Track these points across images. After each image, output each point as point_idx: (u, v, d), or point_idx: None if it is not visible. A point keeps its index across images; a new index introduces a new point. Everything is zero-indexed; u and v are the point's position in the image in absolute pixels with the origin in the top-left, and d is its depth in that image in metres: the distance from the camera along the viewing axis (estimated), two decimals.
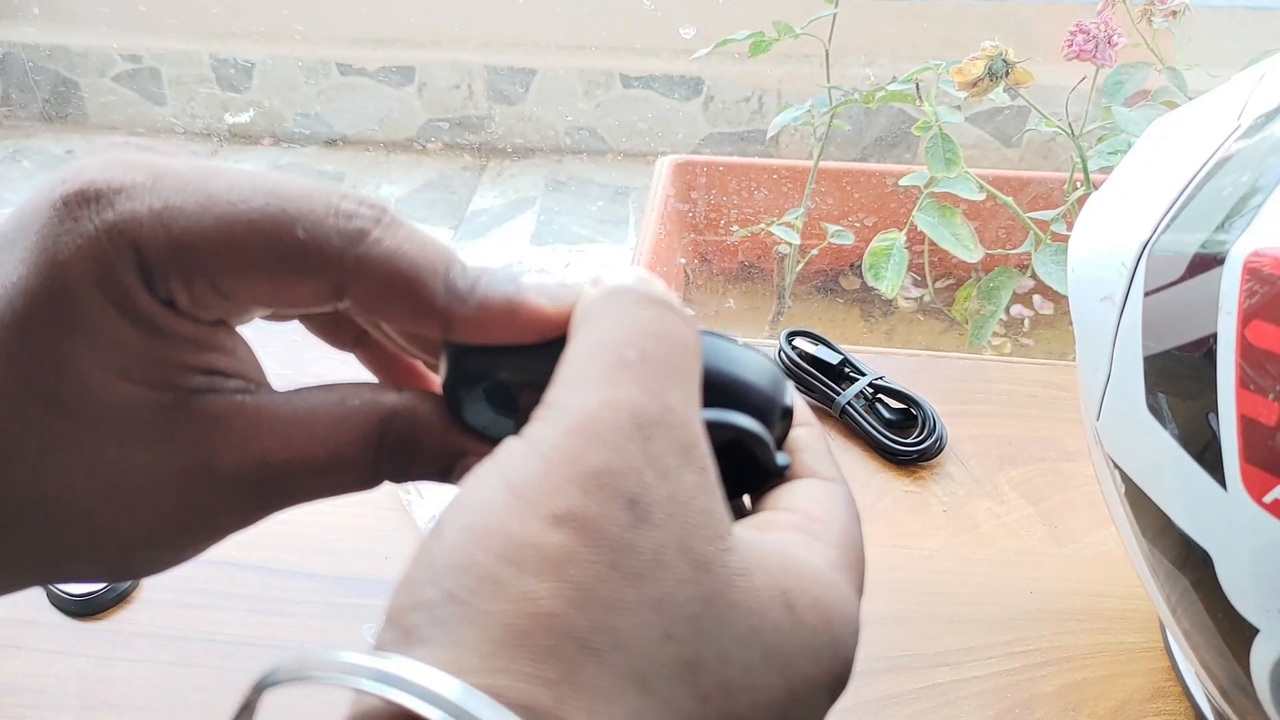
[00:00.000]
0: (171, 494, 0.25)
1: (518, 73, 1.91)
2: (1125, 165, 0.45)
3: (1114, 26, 0.97)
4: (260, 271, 0.24)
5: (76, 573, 0.26)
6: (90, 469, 0.24)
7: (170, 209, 0.23)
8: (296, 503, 0.27)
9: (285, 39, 1.92)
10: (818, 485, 0.27)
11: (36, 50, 1.98)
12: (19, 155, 1.96)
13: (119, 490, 0.24)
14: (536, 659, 0.19)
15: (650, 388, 0.22)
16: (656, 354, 0.23)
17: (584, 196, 1.88)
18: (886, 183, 1.32)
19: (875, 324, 1.40)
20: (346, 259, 0.24)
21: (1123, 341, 0.39)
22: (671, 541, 0.21)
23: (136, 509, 0.25)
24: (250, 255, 0.24)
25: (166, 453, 0.24)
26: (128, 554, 0.26)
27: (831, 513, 0.26)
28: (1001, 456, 0.65)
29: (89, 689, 0.52)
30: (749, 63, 1.18)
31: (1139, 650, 0.54)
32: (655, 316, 0.24)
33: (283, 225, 0.24)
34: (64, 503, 0.24)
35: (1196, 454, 0.36)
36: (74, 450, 0.23)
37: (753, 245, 1.38)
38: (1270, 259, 0.32)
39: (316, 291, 0.24)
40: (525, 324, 0.25)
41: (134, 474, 0.24)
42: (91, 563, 0.26)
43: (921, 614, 0.56)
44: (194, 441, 0.25)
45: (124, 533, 0.25)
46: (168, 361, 0.24)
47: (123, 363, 0.24)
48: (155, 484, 0.25)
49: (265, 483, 0.26)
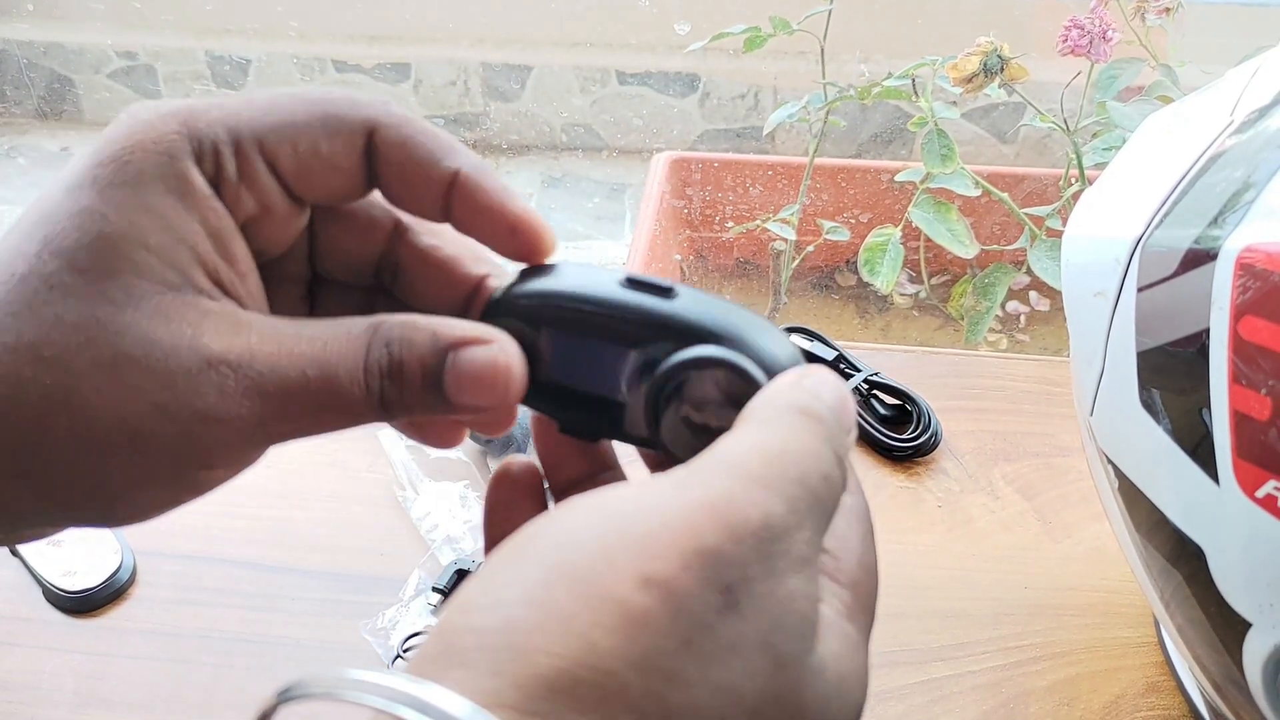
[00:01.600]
0: (163, 381, 0.25)
1: (513, 69, 1.90)
2: (1119, 161, 0.45)
3: (1108, 22, 0.97)
4: (295, 131, 0.27)
5: (81, 518, 0.26)
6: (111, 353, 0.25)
7: (222, 104, 0.27)
8: (290, 430, 0.26)
9: (281, 36, 1.92)
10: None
11: (31, 47, 1.97)
12: (14, 152, 1.96)
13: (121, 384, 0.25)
14: (580, 710, 0.19)
15: (798, 507, 0.23)
16: (817, 488, 0.23)
17: (580, 193, 1.88)
18: (882, 179, 1.32)
19: (871, 320, 1.40)
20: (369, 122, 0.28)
21: (1116, 337, 0.39)
22: (754, 634, 0.21)
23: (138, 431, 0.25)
24: (287, 119, 0.27)
25: (158, 326, 0.25)
26: (130, 492, 0.26)
27: (846, 542, 0.26)
28: (996, 452, 0.65)
29: (84, 686, 0.52)
30: (745, 59, 1.18)
31: (1133, 645, 0.54)
32: (829, 461, 0.24)
33: (314, 102, 0.28)
34: (80, 439, 0.25)
35: (1189, 449, 0.36)
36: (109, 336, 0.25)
37: (748, 242, 1.38)
38: (1263, 254, 0.33)
39: (348, 146, 0.28)
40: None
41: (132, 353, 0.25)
42: (94, 507, 0.26)
43: (916, 609, 0.56)
44: (186, 320, 0.25)
45: (127, 470, 0.25)
46: (195, 245, 0.26)
47: (160, 239, 0.25)
48: (150, 367, 0.25)
49: (256, 389, 0.25)
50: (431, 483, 0.61)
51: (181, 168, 0.26)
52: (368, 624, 0.55)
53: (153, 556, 0.58)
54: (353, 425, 0.27)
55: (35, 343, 0.24)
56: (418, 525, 0.59)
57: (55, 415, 0.24)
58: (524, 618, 0.20)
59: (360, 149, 0.28)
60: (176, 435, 0.25)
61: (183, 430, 0.25)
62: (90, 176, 0.25)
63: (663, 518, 0.21)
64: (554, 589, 0.20)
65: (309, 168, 0.28)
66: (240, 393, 0.25)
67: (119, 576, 0.56)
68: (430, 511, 0.60)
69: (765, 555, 0.22)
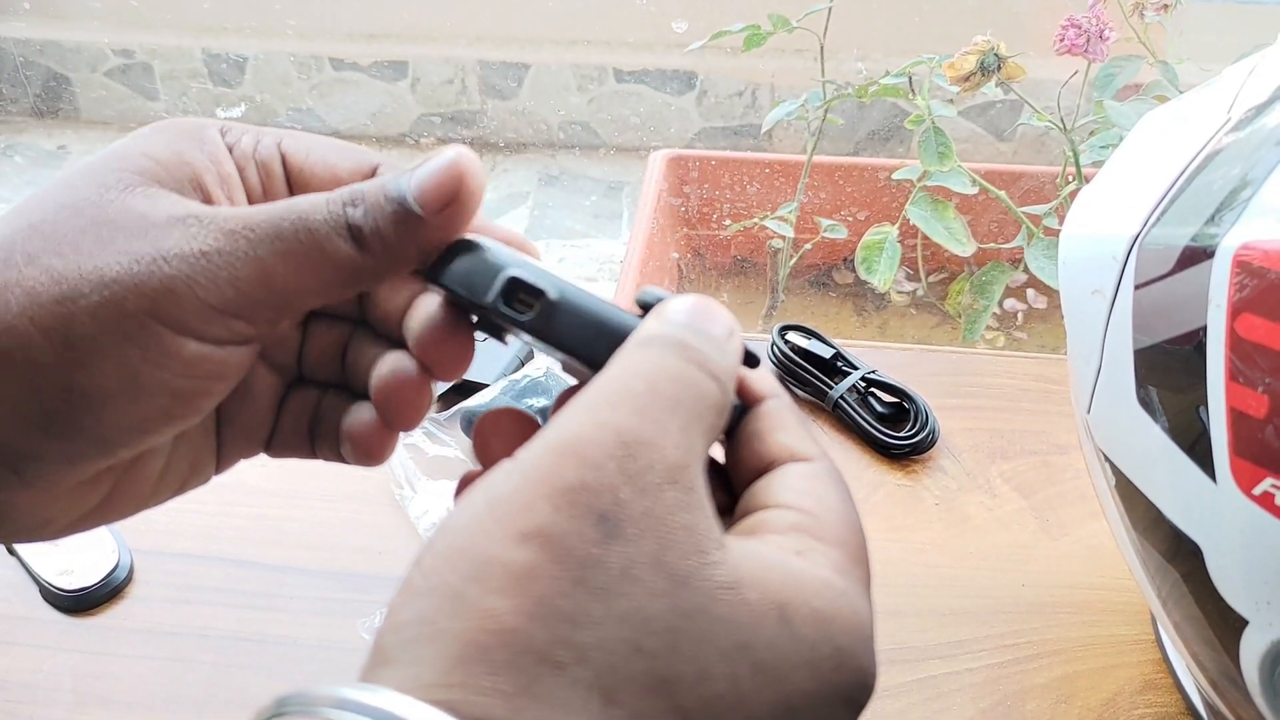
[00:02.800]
0: (135, 232, 0.26)
1: (511, 67, 1.90)
2: (1116, 159, 0.45)
3: (1105, 21, 0.97)
4: (314, 142, 0.31)
5: (62, 428, 0.26)
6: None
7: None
8: (261, 291, 0.26)
9: (278, 34, 1.91)
10: (803, 471, 0.26)
11: (28, 45, 1.97)
12: (10, 151, 1.96)
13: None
14: (493, 672, 0.20)
15: (649, 414, 0.23)
16: (666, 390, 0.23)
17: (577, 191, 1.88)
18: (879, 177, 1.32)
19: (868, 318, 1.40)
20: None
21: (1113, 335, 0.39)
22: (644, 557, 0.21)
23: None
24: (311, 138, 0.31)
25: (141, 201, 0.27)
26: (107, 367, 0.26)
27: (824, 502, 0.25)
28: (994, 450, 0.65)
29: (82, 685, 0.52)
30: (742, 57, 1.18)
31: (1130, 642, 0.54)
32: (674, 364, 0.24)
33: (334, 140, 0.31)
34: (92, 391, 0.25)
35: (1186, 446, 0.36)
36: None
37: (746, 239, 1.38)
38: (1260, 252, 0.33)
39: (355, 167, 0.30)
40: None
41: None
42: (74, 398, 0.26)
43: (913, 607, 0.56)
44: (169, 200, 0.27)
45: (96, 322, 0.26)
46: (200, 173, 0.28)
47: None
48: (125, 225, 0.26)
49: (221, 229, 0.26)
50: (429, 481, 0.61)
51: (205, 129, 0.29)
52: (366, 623, 0.55)
53: (150, 555, 0.58)
54: (328, 285, 0.27)
55: (34, 221, 0.26)
56: (416, 523, 0.59)
57: (35, 276, 0.25)
58: (428, 605, 0.21)
59: (363, 175, 0.30)
60: (144, 276, 0.25)
61: (149, 271, 0.25)
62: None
63: (523, 473, 0.22)
64: (446, 573, 0.21)
65: (316, 173, 0.30)
66: (204, 234, 0.26)
67: (116, 575, 0.56)
68: (428, 510, 0.60)
69: (631, 473, 0.22)
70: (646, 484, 0.22)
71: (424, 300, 0.30)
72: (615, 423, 0.22)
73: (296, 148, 0.31)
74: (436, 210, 0.27)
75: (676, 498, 0.22)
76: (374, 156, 0.31)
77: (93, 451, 0.27)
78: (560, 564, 0.21)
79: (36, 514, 0.28)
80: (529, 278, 0.27)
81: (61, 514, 0.28)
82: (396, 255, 0.27)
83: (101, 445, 0.27)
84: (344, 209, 0.26)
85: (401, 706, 0.19)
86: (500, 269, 0.27)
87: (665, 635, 0.21)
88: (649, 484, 0.22)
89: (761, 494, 0.26)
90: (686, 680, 0.20)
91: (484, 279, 0.27)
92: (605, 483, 0.21)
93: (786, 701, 0.22)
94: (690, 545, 0.22)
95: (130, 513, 0.30)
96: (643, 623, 0.20)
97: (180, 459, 0.31)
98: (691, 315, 0.25)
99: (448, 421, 0.65)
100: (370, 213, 0.26)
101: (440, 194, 0.27)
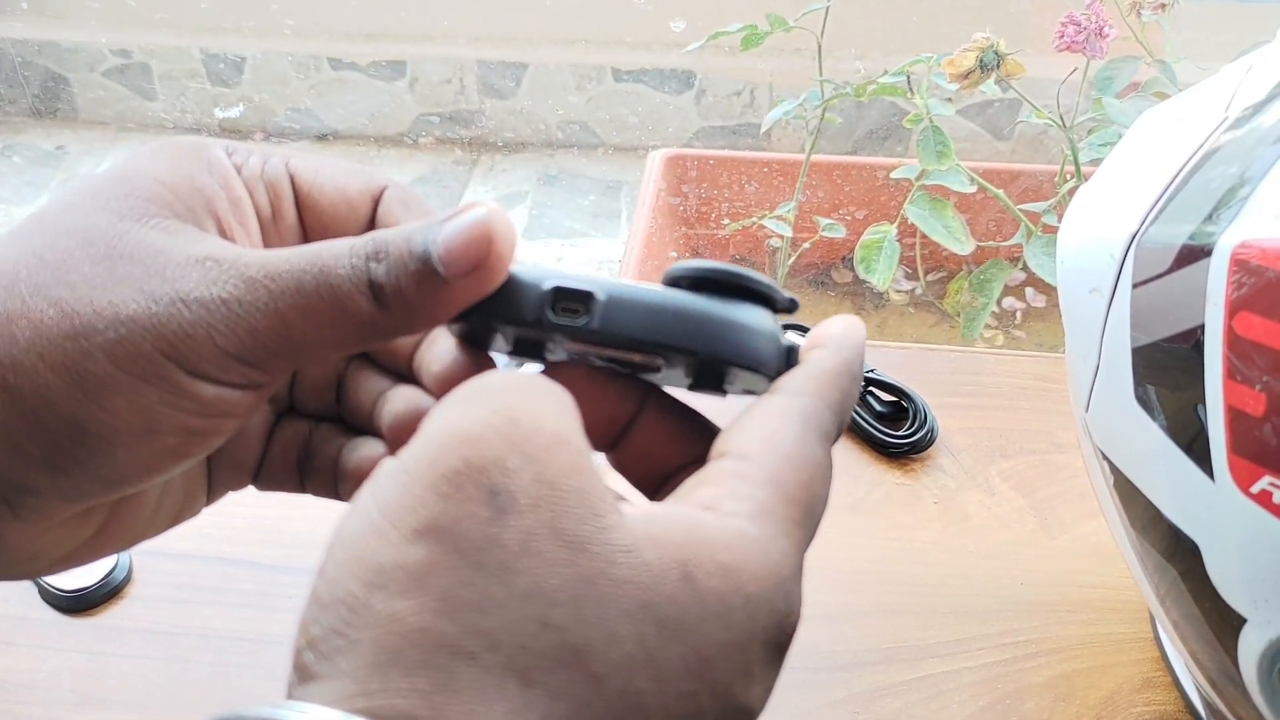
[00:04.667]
0: (152, 270, 0.25)
1: (509, 67, 1.90)
2: (1114, 157, 0.45)
3: (1104, 18, 0.97)
4: (322, 163, 0.31)
5: (75, 462, 0.26)
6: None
7: None
8: (277, 340, 0.25)
9: (276, 33, 1.91)
10: (774, 406, 0.26)
11: (26, 45, 1.97)
12: (9, 151, 1.95)
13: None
14: (409, 674, 0.20)
15: (515, 384, 0.23)
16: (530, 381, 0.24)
17: (576, 190, 1.88)
18: (878, 176, 1.32)
19: (867, 317, 1.40)
20: None
21: (1111, 333, 0.39)
22: (540, 527, 0.21)
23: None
24: (319, 161, 0.31)
25: (157, 236, 0.26)
26: (119, 404, 0.25)
27: (773, 440, 0.25)
28: (993, 449, 0.65)
29: (81, 685, 0.52)
30: (741, 56, 1.18)
31: (1129, 641, 0.54)
32: None
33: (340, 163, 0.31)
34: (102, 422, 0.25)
35: (1184, 445, 0.36)
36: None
37: (744, 239, 1.38)
38: (1257, 250, 0.33)
39: (362, 189, 0.31)
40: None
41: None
42: (86, 437, 0.25)
43: (912, 606, 0.56)
44: (185, 235, 0.27)
45: (112, 360, 0.25)
46: (211, 199, 0.28)
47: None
48: (141, 259, 0.25)
49: (242, 276, 0.25)
50: None
51: (210, 149, 0.29)
52: None
53: (149, 555, 0.58)
54: (346, 340, 0.26)
55: (38, 249, 0.25)
56: None
57: (43, 309, 0.25)
58: (336, 619, 0.21)
59: (371, 196, 0.30)
60: (163, 318, 0.25)
61: (168, 313, 0.25)
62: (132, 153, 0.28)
63: (406, 470, 0.22)
64: (349, 581, 0.21)
65: (326, 193, 0.30)
66: (225, 279, 0.25)
67: (115, 575, 0.56)
68: None
69: (515, 439, 0.22)
70: (534, 449, 0.22)
71: (439, 337, 0.30)
72: (490, 398, 0.22)
73: (304, 168, 0.30)
74: (461, 275, 0.25)
75: (568, 459, 0.22)
76: (380, 177, 0.31)
77: (95, 489, 0.26)
78: (457, 553, 0.20)
79: (24, 548, 0.27)
80: (573, 284, 0.26)
81: (51, 548, 0.28)
82: (417, 316, 0.26)
83: (105, 483, 0.26)
84: (367, 264, 0.25)
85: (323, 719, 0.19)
86: (538, 283, 0.26)
87: (569, 605, 0.21)
88: (536, 448, 0.22)
89: (720, 441, 0.26)
90: (596, 646, 0.20)
91: (525, 298, 0.26)
92: (490, 456, 0.21)
93: (698, 653, 0.21)
94: (585, 509, 0.22)
95: (122, 547, 0.30)
96: (546, 596, 0.20)
97: (175, 491, 0.31)
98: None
99: None
100: (393, 270, 0.25)
101: (467, 257, 0.25)
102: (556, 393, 0.24)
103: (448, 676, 0.20)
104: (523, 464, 0.21)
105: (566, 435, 0.23)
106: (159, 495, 0.30)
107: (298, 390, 0.33)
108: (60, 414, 0.25)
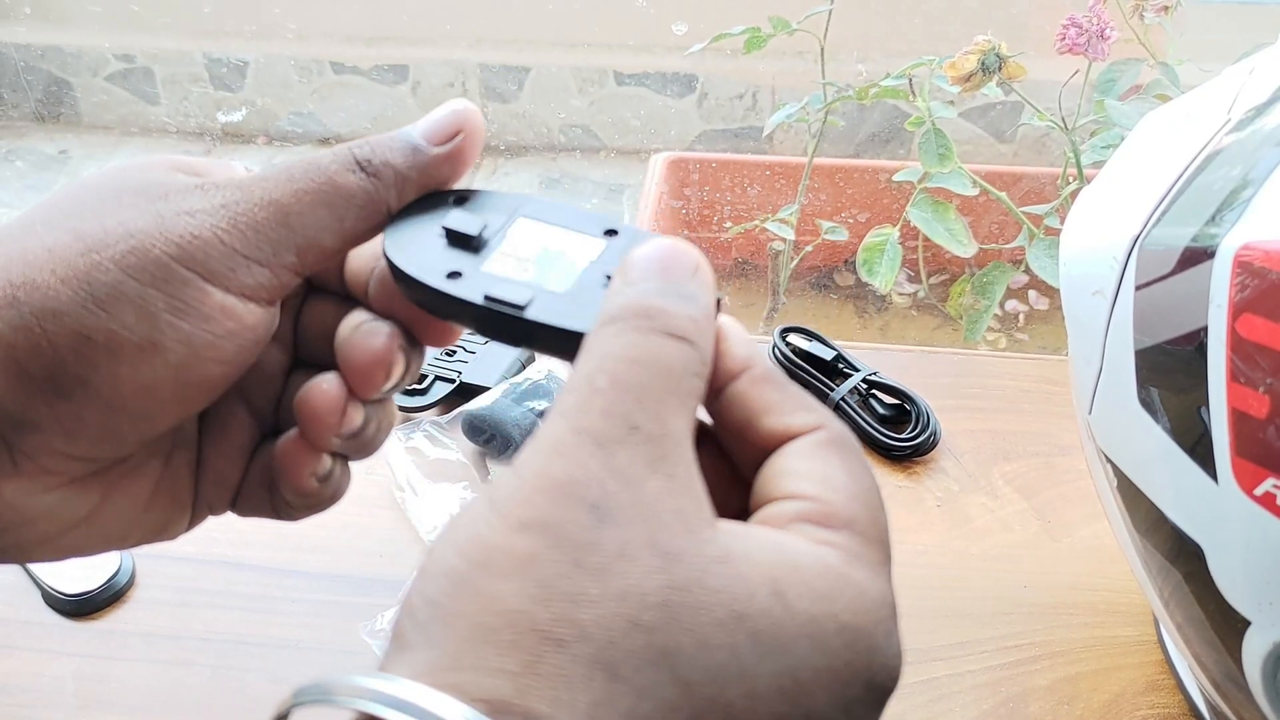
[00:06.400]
0: (158, 193, 0.28)
1: (511, 70, 1.90)
2: (1116, 159, 0.45)
3: (1106, 20, 0.97)
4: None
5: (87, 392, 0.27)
6: None
7: None
8: (278, 231, 0.28)
9: (279, 37, 1.91)
10: (800, 451, 0.25)
11: (29, 50, 1.97)
12: (12, 155, 1.96)
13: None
14: (500, 653, 0.20)
15: (615, 410, 0.23)
16: (627, 377, 0.24)
17: (578, 194, 1.88)
18: (880, 178, 1.32)
19: (869, 320, 1.40)
20: None
21: (1114, 335, 0.39)
22: (636, 538, 0.22)
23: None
24: None
25: (161, 174, 0.29)
26: (129, 319, 0.27)
27: (829, 481, 0.25)
28: (995, 451, 0.65)
29: (84, 688, 0.52)
30: (743, 59, 1.18)
31: (1132, 644, 0.54)
32: (634, 342, 0.24)
33: None
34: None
35: (1188, 447, 0.36)
36: None
37: (747, 242, 1.38)
38: (1260, 252, 0.33)
39: None
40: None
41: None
42: (100, 354, 0.27)
43: (915, 609, 0.56)
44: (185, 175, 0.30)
45: (122, 271, 0.27)
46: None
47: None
48: (146, 190, 0.28)
49: (237, 184, 0.29)
50: (430, 484, 0.61)
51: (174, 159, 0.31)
52: (367, 626, 0.54)
53: (151, 559, 0.58)
54: (343, 220, 0.29)
55: (50, 202, 0.28)
56: (417, 526, 0.59)
57: (57, 235, 0.27)
58: (437, 590, 0.22)
59: None
60: (171, 224, 0.27)
61: (175, 220, 0.27)
62: None
63: (517, 475, 0.23)
64: (453, 559, 0.22)
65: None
66: (223, 188, 0.28)
67: (118, 579, 0.56)
68: (429, 512, 0.60)
69: (613, 469, 0.22)
70: (630, 478, 0.22)
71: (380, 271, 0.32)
72: (585, 426, 0.23)
73: None
74: (442, 142, 0.30)
75: (661, 485, 0.23)
76: None
77: (95, 425, 0.27)
78: (559, 548, 0.21)
79: (20, 507, 0.28)
80: (503, 294, 0.28)
81: (44, 519, 0.28)
82: (406, 183, 0.29)
83: (106, 409, 0.27)
84: (351, 150, 0.29)
85: (412, 693, 0.20)
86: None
87: (661, 609, 0.21)
88: (632, 477, 0.22)
89: (762, 489, 0.26)
90: (686, 651, 0.21)
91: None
92: (591, 477, 0.22)
93: (794, 676, 0.21)
94: (680, 526, 0.22)
95: (112, 542, 0.31)
96: (639, 598, 0.21)
97: (164, 493, 0.31)
98: (653, 270, 0.26)
99: (449, 425, 0.65)
100: (378, 149, 0.29)
101: (445, 131, 0.30)
102: (655, 396, 0.24)
103: (536, 660, 0.20)
104: (620, 489, 0.22)
105: (659, 460, 0.23)
106: (150, 493, 0.31)
107: (282, 411, 0.33)
108: (67, 324, 0.26)
